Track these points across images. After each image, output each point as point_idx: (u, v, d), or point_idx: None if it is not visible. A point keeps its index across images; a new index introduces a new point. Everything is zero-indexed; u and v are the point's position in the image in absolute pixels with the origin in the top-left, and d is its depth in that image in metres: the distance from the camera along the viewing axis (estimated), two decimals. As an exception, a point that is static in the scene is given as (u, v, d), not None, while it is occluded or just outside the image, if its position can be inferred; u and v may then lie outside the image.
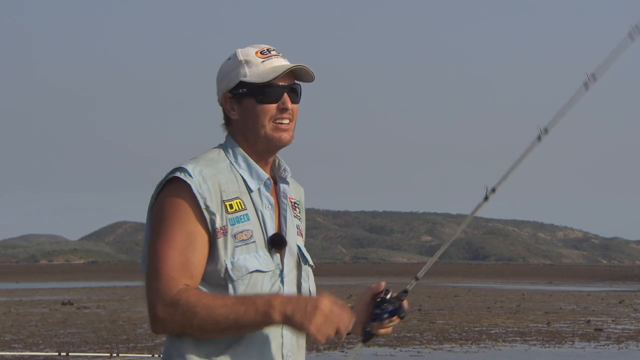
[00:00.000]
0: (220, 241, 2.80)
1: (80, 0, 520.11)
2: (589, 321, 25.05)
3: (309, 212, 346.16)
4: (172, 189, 2.82)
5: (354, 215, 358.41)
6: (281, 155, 3.01)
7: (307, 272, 3.03)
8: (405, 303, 3.08)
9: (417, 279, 3.18)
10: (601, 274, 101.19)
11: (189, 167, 2.82)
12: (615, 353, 17.63)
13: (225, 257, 2.80)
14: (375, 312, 3.04)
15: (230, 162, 2.91)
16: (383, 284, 3.03)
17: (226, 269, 2.79)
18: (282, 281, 2.89)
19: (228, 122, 2.97)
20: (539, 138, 3.03)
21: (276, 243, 2.89)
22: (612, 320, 25.56)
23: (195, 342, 2.78)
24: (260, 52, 2.94)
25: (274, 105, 2.91)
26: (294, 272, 2.95)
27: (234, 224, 2.82)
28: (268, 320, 2.71)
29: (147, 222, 2.89)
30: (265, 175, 2.92)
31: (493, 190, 3.16)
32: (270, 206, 2.92)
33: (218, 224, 2.80)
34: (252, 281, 2.82)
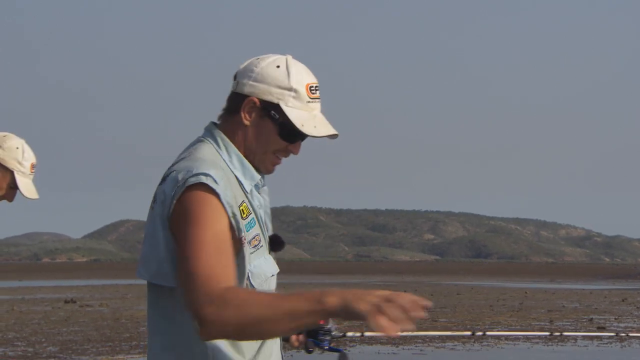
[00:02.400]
0: (246, 249, 2.73)
1: (79, 0, 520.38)
2: (591, 319, 25.03)
3: (312, 210, 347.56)
4: (201, 195, 2.66)
5: (356, 214, 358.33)
6: None
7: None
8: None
9: (362, 335, 3.15)
10: (604, 272, 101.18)
11: (212, 172, 2.68)
12: (618, 351, 17.62)
13: (247, 265, 2.74)
14: (319, 337, 3.06)
15: (225, 160, 2.79)
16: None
17: (248, 277, 2.74)
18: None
19: (233, 115, 2.83)
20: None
21: (279, 244, 2.84)
22: (615, 318, 25.54)
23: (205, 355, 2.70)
24: (310, 89, 2.81)
25: (286, 144, 2.81)
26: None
27: (248, 230, 2.73)
28: (321, 307, 2.47)
29: (164, 226, 2.71)
30: (257, 175, 2.82)
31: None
32: (261, 206, 2.83)
33: (241, 232, 2.71)
34: (268, 287, 2.80)
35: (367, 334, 3.10)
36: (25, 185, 4.40)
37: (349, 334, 3.04)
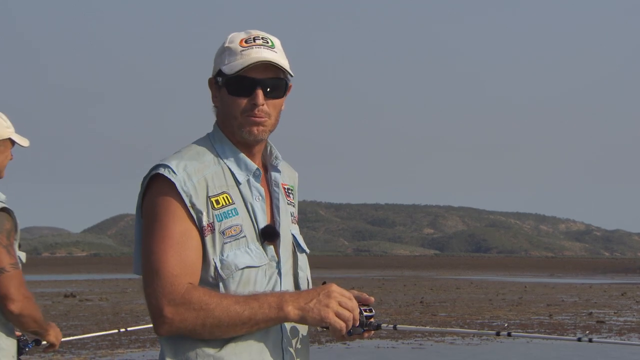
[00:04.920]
0: (208, 239, 2.71)
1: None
2: (591, 313, 25.04)
3: (312, 204, 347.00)
4: (158, 187, 2.72)
5: (356, 208, 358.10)
6: (282, 148, 2.94)
7: (303, 260, 2.94)
8: (367, 334, 3.02)
9: (394, 328, 3.14)
10: (603, 266, 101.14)
11: (172, 164, 2.72)
12: (617, 346, 17.63)
13: (213, 255, 2.71)
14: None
15: (218, 153, 2.80)
16: (372, 300, 2.95)
17: (215, 267, 2.71)
18: (279, 273, 2.81)
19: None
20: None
21: (268, 235, 2.80)
22: (614, 313, 25.55)
23: (195, 340, 2.70)
24: (245, 41, 2.81)
25: (243, 99, 2.78)
26: (290, 262, 2.87)
27: (221, 220, 2.72)
28: (282, 314, 2.66)
29: (137, 222, 2.80)
30: (253, 165, 2.82)
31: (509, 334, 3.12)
32: (260, 197, 2.81)
33: (205, 222, 2.70)
34: (244, 278, 2.74)
35: (399, 327, 3.11)
36: (20, 139, 4.66)
37: (385, 325, 3.05)
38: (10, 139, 4.62)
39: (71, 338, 5.76)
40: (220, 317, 2.63)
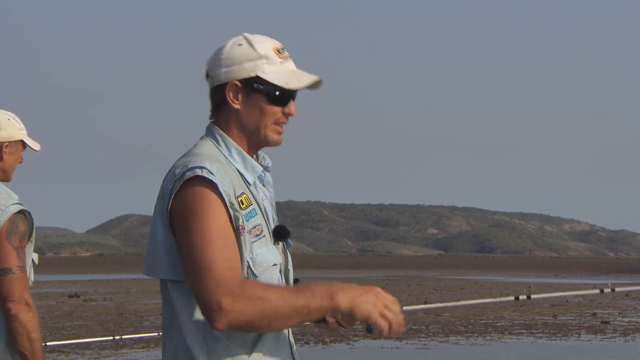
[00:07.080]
0: (242, 238, 2.76)
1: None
2: (595, 314, 25.02)
3: (315, 205, 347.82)
4: (199, 187, 2.72)
5: (360, 208, 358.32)
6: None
7: (289, 257, 3.01)
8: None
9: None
10: (607, 266, 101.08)
11: (207, 165, 2.74)
12: (622, 345, 17.62)
13: (245, 254, 2.76)
14: None
15: (225, 155, 2.84)
16: None
17: (248, 265, 2.76)
18: (279, 271, 2.88)
19: (221, 108, 2.89)
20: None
21: (280, 235, 2.87)
22: (619, 313, 25.53)
23: (228, 343, 2.73)
24: (277, 50, 2.87)
25: (280, 108, 2.86)
26: (282, 259, 2.94)
27: (248, 220, 2.78)
28: (333, 304, 2.64)
29: (161, 223, 2.77)
30: (259, 167, 2.87)
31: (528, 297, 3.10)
32: (266, 198, 2.89)
33: (240, 221, 2.75)
34: (269, 275, 2.81)
35: (405, 308, 3.13)
36: (32, 143, 4.66)
37: None
38: (22, 141, 4.62)
39: (66, 342, 5.75)
40: (277, 307, 2.62)
